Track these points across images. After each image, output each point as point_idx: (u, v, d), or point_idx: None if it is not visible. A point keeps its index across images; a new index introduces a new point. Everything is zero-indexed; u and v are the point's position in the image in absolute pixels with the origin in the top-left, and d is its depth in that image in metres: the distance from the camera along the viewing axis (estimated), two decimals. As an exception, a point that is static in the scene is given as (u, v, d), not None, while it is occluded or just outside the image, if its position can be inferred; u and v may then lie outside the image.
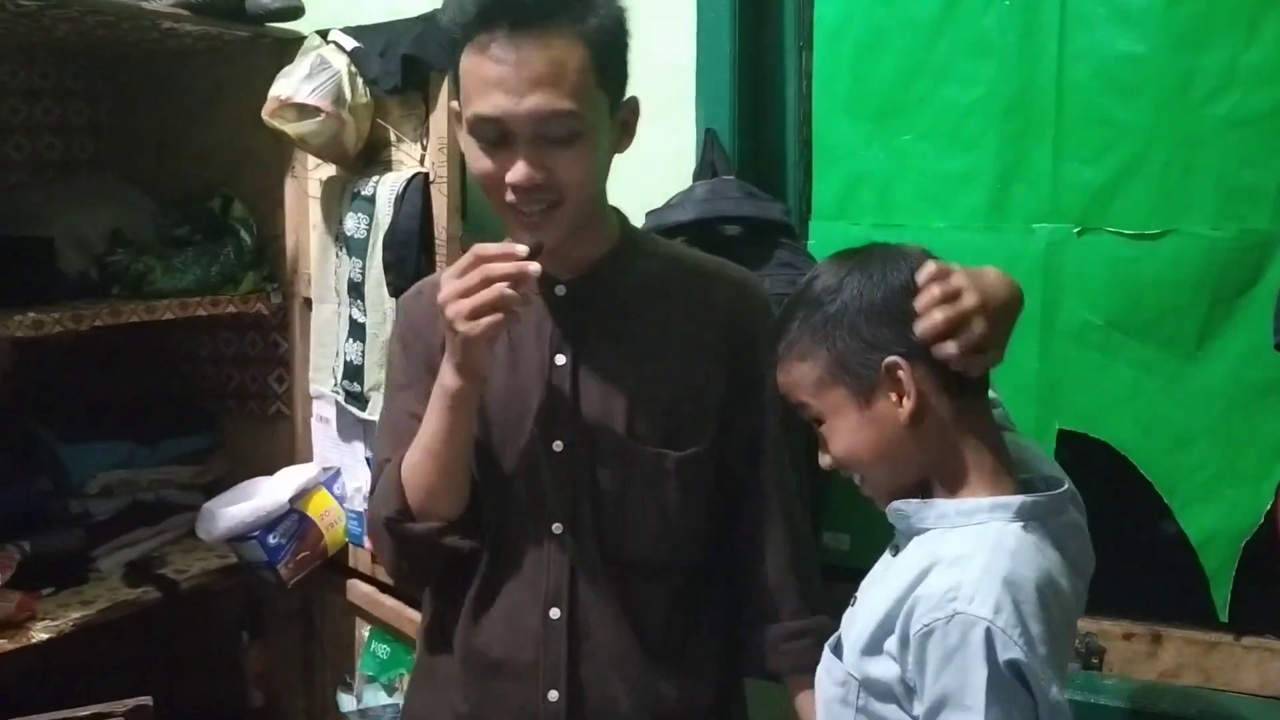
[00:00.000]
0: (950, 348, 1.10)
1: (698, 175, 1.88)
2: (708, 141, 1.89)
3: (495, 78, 1.25)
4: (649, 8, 1.92)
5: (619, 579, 1.38)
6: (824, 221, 1.94)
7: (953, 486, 1.15)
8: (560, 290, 1.38)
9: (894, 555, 1.22)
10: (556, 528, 1.36)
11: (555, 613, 1.36)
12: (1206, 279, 1.66)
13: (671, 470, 1.37)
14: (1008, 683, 1.04)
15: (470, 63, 1.26)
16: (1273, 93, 1.61)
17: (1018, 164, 1.77)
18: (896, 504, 1.19)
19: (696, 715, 1.43)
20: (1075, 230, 1.74)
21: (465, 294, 1.21)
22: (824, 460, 1.21)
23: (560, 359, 1.36)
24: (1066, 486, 1.18)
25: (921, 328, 1.11)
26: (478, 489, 1.37)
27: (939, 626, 1.05)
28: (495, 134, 1.26)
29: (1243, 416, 1.67)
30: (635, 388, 1.37)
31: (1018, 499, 1.12)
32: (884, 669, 1.13)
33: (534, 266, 1.22)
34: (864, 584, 1.25)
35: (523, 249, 1.22)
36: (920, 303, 1.12)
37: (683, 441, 1.38)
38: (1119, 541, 1.78)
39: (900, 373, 1.12)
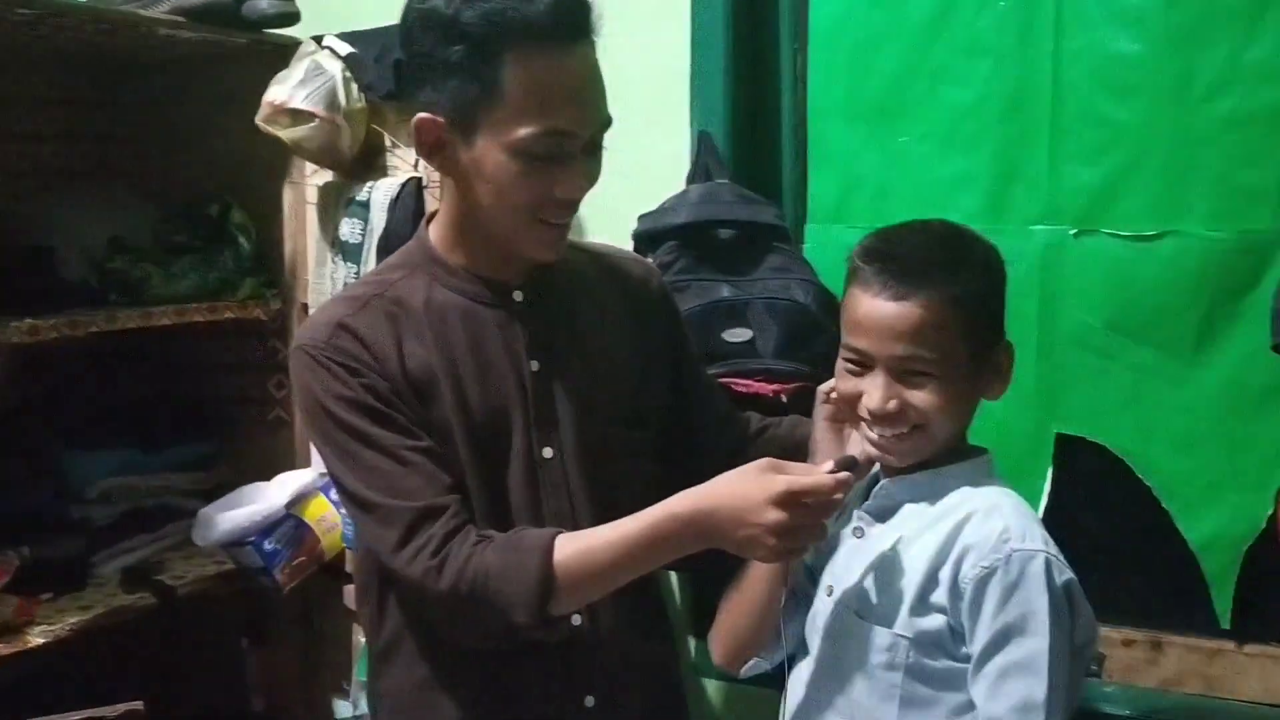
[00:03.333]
0: None
1: (691, 178, 1.87)
2: (702, 144, 1.88)
3: (572, 91, 1.24)
4: (643, 10, 1.94)
5: None
6: (820, 225, 1.92)
7: (955, 453, 1.27)
8: (518, 296, 1.38)
9: (860, 537, 1.29)
10: None
11: (578, 619, 1.36)
12: (1205, 281, 1.63)
13: (650, 447, 1.45)
14: (1063, 604, 1.16)
15: (536, 75, 1.22)
16: (1272, 92, 1.58)
17: (1015, 165, 1.75)
18: (886, 482, 1.29)
19: (677, 669, 1.56)
20: (1073, 232, 1.71)
21: (802, 525, 1.19)
22: (889, 405, 1.22)
23: (534, 365, 1.36)
24: None
25: None
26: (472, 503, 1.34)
27: (999, 566, 1.16)
28: (554, 149, 1.25)
29: (1243, 420, 1.63)
30: (601, 380, 1.40)
31: (984, 458, 1.29)
32: (933, 622, 1.20)
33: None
34: (837, 570, 1.31)
35: (847, 475, 1.20)
36: None
37: (648, 418, 1.45)
38: (1118, 547, 1.77)
39: (1005, 357, 1.27)
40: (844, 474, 1.19)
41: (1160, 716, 1.69)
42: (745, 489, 1.20)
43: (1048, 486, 1.74)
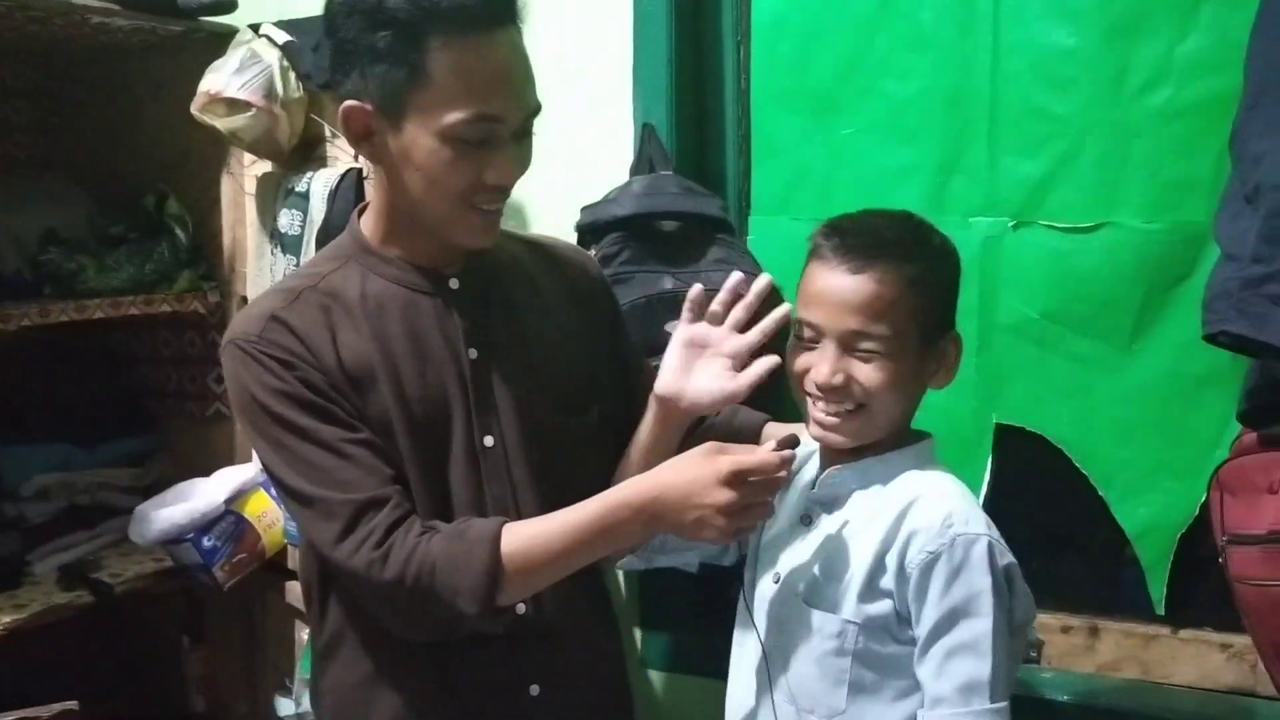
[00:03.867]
0: None
1: (635, 170, 1.86)
2: (645, 136, 1.87)
3: (501, 76, 1.24)
4: (586, 2, 1.92)
5: None
6: (764, 217, 1.93)
7: (898, 439, 1.29)
8: (454, 284, 1.37)
9: (807, 524, 1.31)
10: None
11: (522, 608, 1.35)
12: (1141, 271, 1.65)
13: (593, 434, 1.44)
14: (1003, 586, 1.19)
15: (464, 60, 1.21)
16: (1206, 85, 1.61)
17: (955, 157, 1.76)
18: (833, 469, 1.30)
19: (621, 658, 1.54)
20: (1011, 224, 1.73)
21: (749, 504, 1.21)
22: (836, 379, 1.23)
23: (473, 353, 1.36)
24: None
25: None
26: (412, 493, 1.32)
27: (944, 550, 1.18)
28: (484, 134, 1.24)
29: (1178, 409, 1.66)
30: (541, 368, 1.40)
31: (927, 443, 1.31)
32: (880, 607, 1.23)
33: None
34: (785, 556, 1.32)
35: (790, 453, 1.22)
36: None
37: (589, 405, 1.44)
38: (1056, 535, 1.80)
39: (952, 348, 1.28)
40: (788, 451, 1.21)
41: (1097, 701, 1.71)
42: (692, 472, 1.21)
43: (988, 475, 1.76)
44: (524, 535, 1.25)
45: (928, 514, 1.21)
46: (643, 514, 1.23)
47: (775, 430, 1.52)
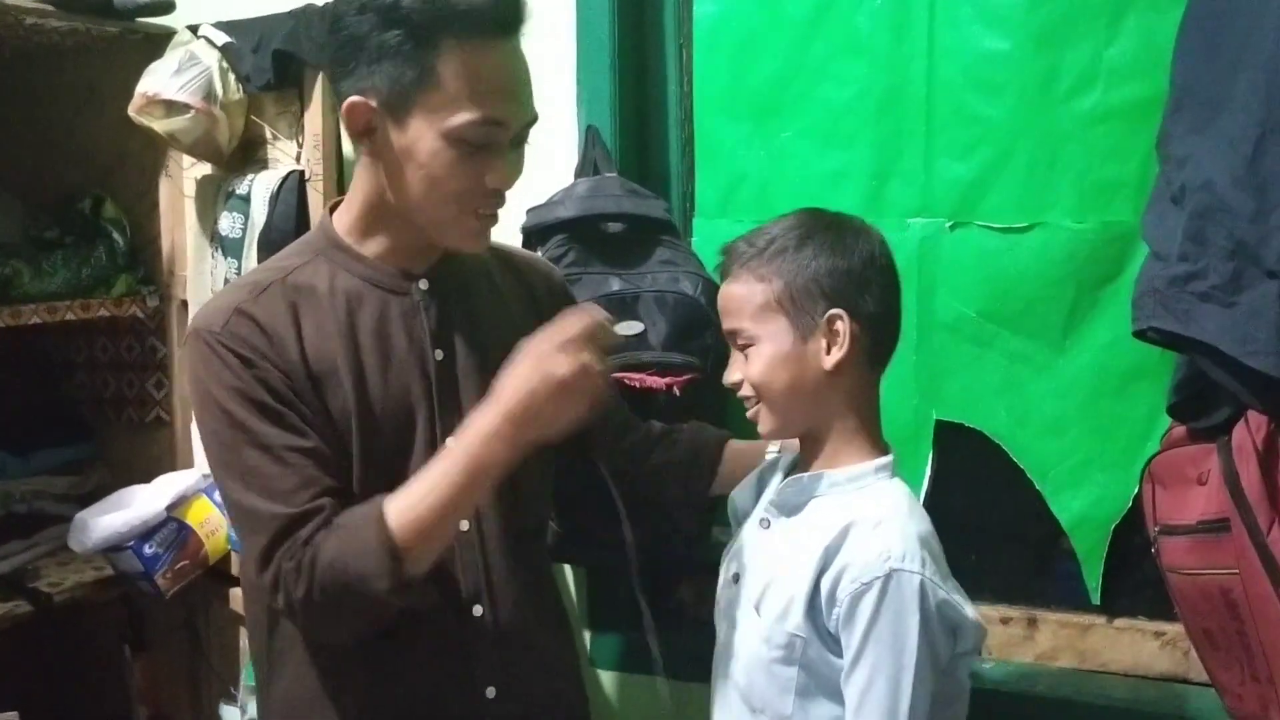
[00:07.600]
0: None
1: (579, 172, 1.88)
2: (589, 139, 1.88)
3: (508, 82, 1.27)
4: (529, 5, 1.92)
5: (521, 555, 1.42)
6: (707, 219, 1.94)
7: (838, 443, 1.31)
8: (423, 285, 1.38)
9: (766, 528, 1.34)
10: (463, 524, 1.36)
11: (478, 610, 1.36)
12: (1071, 270, 1.69)
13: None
14: (935, 626, 1.20)
15: (475, 63, 1.23)
16: (1133, 88, 1.65)
17: (892, 161, 1.80)
18: (790, 478, 1.33)
19: (576, 660, 1.56)
20: (947, 225, 1.76)
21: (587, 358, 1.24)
22: (732, 377, 1.33)
23: (439, 354, 1.37)
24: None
25: None
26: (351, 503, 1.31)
27: (876, 584, 1.19)
28: (487, 138, 1.26)
29: (1110, 403, 1.70)
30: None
31: (887, 459, 1.31)
32: (821, 622, 1.24)
33: None
34: (744, 558, 1.36)
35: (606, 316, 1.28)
36: None
37: None
38: (995, 528, 1.83)
39: (839, 324, 1.27)
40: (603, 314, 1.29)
41: (1036, 690, 1.75)
42: (529, 365, 1.24)
43: (928, 471, 1.79)
44: (405, 502, 1.25)
45: (865, 544, 1.22)
46: (505, 427, 1.23)
47: (738, 447, 1.55)
